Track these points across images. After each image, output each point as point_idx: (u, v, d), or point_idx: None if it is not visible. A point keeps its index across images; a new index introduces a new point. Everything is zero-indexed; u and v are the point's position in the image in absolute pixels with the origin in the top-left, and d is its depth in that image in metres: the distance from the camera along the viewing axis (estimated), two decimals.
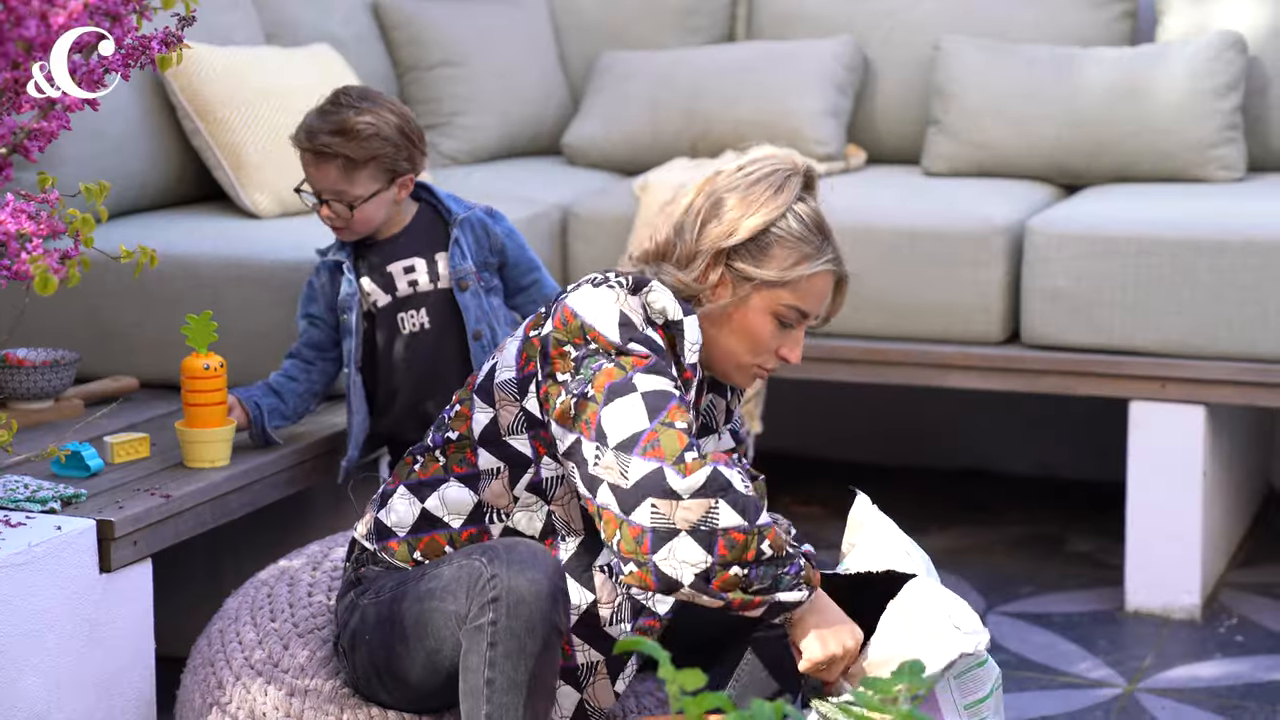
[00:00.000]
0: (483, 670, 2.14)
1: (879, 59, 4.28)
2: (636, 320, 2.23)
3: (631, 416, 2.15)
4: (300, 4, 4.03)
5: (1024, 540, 3.99)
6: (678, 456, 2.13)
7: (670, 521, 2.12)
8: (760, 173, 2.30)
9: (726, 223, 2.27)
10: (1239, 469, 3.82)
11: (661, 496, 2.12)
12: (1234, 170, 3.87)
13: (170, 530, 2.63)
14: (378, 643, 2.28)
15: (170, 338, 3.22)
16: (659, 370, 2.19)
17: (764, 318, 2.29)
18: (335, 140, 2.74)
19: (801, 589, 2.16)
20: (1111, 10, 4.17)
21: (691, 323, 2.26)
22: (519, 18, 4.49)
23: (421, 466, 2.33)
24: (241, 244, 3.25)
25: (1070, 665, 3.29)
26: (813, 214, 2.31)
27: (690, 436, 2.16)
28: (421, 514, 2.31)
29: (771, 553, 2.14)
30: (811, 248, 2.28)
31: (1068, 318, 3.55)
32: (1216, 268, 3.45)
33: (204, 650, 2.49)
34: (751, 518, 2.14)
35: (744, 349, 2.31)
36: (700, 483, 2.12)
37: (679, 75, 4.29)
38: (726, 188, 2.30)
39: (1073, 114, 3.93)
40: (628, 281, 2.26)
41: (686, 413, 2.18)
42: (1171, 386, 3.48)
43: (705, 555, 2.11)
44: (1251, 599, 3.61)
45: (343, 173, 2.75)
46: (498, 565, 2.15)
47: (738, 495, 2.14)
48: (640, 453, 2.13)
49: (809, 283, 2.29)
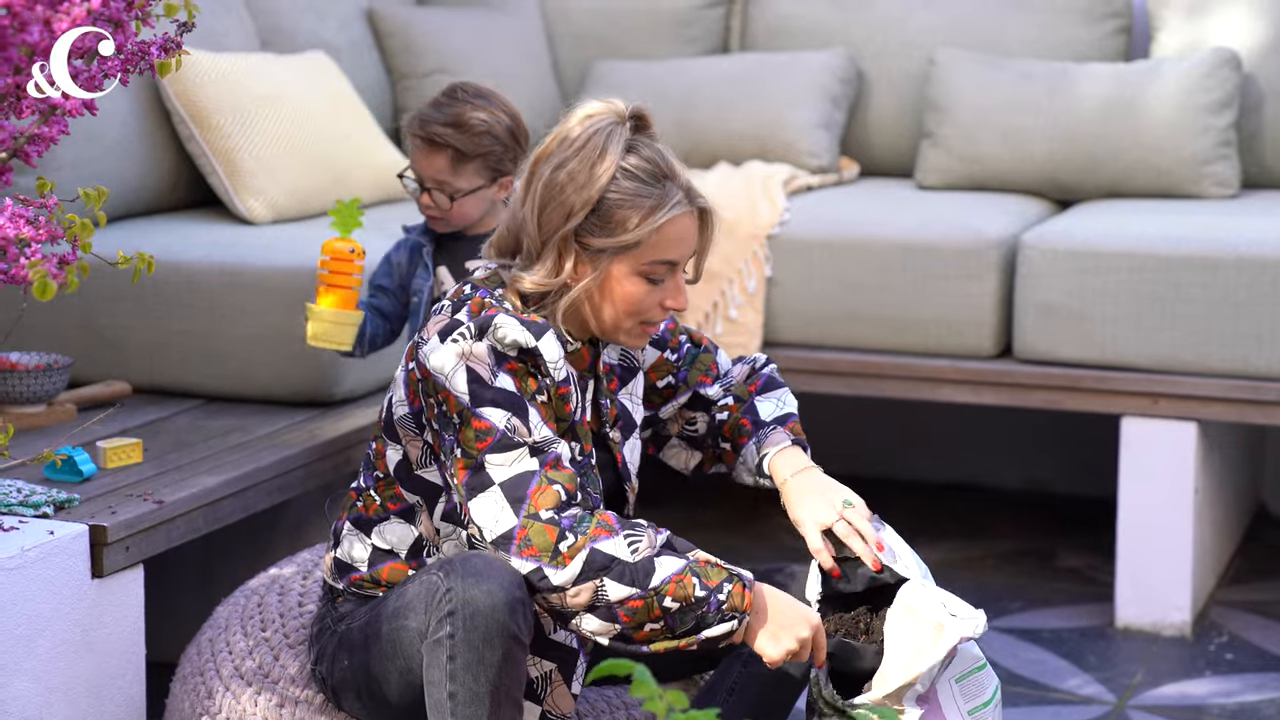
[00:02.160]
0: (444, 684, 2.12)
1: (873, 72, 4.29)
2: (484, 373, 2.17)
3: (498, 514, 2.14)
4: (295, 11, 4.03)
5: (1014, 555, 3.99)
6: (552, 552, 2.12)
7: (567, 608, 2.14)
8: (580, 140, 2.20)
9: (561, 205, 2.20)
10: (1229, 486, 3.83)
11: (550, 592, 2.13)
12: (1228, 187, 3.87)
13: (162, 536, 2.62)
14: (357, 665, 2.27)
15: (164, 343, 3.22)
16: (505, 444, 2.15)
17: (632, 280, 2.22)
18: (448, 131, 2.76)
19: (729, 620, 2.14)
20: (1106, 26, 4.18)
21: (547, 342, 2.20)
22: (513, 26, 4.49)
23: (364, 504, 2.34)
24: (235, 250, 3.25)
25: (1060, 682, 3.29)
26: (645, 163, 2.20)
27: (562, 521, 2.12)
28: (373, 549, 2.32)
29: (678, 605, 2.12)
30: (653, 199, 2.19)
31: (1060, 332, 3.55)
32: (1209, 284, 3.45)
33: (194, 659, 2.48)
34: (643, 583, 2.11)
35: (624, 313, 2.24)
36: (578, 571, 2.11)
37: (672, 86, 4.29)
38: (553, 166, 2.20)
39: (1066, 129, 3.94)
40: (471, 331, 2.19)
41: (550, 485, 2.14)
42: (1163, 403, 3.49)
43: (612, 625, 2.13)
44: (1242, 616, 3.61)
45: (450, 164, 2.78)
46: (453, 578, 2.12)
47: (624, 567, 2.12)
48: (516, 552, 2.13)
49: (663, 234, 2.21)
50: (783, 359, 3.74)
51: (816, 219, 3.81)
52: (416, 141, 2.80)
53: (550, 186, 2.21)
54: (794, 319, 3.74)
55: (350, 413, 3.17)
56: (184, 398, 3.22)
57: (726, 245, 3.78)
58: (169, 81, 3.42)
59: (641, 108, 2.26)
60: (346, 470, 3.06)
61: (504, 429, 2.15)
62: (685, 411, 2.48)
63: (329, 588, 2.37)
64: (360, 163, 3.70)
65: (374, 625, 2.24)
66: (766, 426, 2.42)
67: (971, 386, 3.64)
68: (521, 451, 2.16)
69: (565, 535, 2.12)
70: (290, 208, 3.50)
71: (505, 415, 2.16)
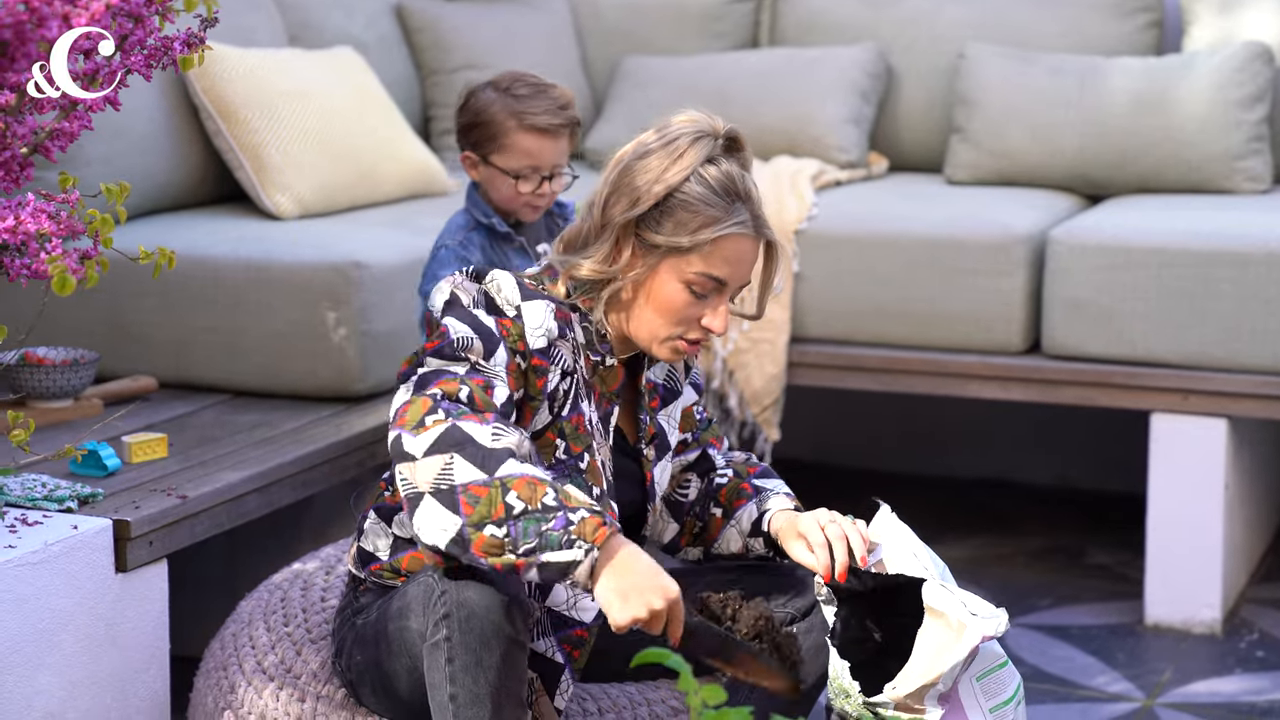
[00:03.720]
0: (445, 686, 2.10)
1: (902, 66, 4.27)
2: (465, 299, 2.18)
3: (402, 394, 2.13)
4: (324, 7, 4.04)
5: (1044, 552, 3.97)
6: (417, 422, 2.06)
7: (414, 485, 2.05)
8: (669, 136, 2.22)
9: (631, 191, 2.21)
10: (1261, 482, 3.79)
11: (403, 461, 2.06)
12: (1260, 182, 3.84)
13: (186, 531, 2.63)
14: (369, 661, 2.27)
15: (190, 338, 3.23)
16: (447, 353, 2.13)
17: (676, 287, 2.21)
18: (570, 112, 2.80)
19: (575, 547, 2.00)
20: (1137, 20, 4.15)
21: (533, 307, 2.19)
22: (541, 22, 4.48)
23: (390, 494, 2.32)
24: (262, 245, 3.25)
25: (1088, 679, 3.27)
26: (722, 177, 2.21)
27: (439, 402, 2.06)
28: (394, 538, 2.31)
29: (523, 505, 2.00)
30: (719, 210, 2.19)
31: (1089, 328, 3.53)
32: (1240, 280, 3.43)
33: (217, 653, 2.48)
34: (491, 468, 2.02)
35: (660, 321, 2.23)
36: (432, 440, 2.04)
37: (702, 81, 4.28)
38: (635, 154, 2.23)
39: (1097, 124, 3.91)
40: (469, 272, 2.22)
41: (458, 386, 2.09)
42: (1194, 399, 3.46)
43: (452, 517, 2.02)
44: (1273, 614, 3.58)
45: (571, 143, 2.82)
46: (447, 580, 2.10)
47: (477, 448, 2.03)
48: (392, 422, 2.09)
49: (717, 248, 2.20)
50: (810, 354, 3.73)
51: (844, 214, 3.80)
52: (539, 133, 2.77)
53: (627, 171, 2.23)
54: (822, 314, 3.73)
55: (375, 408, 3.17)
56: (210, 393, 3.23)
57: None
58: (196, 77, 3.43)
59: (737, 131, 2.27)
60: (371, 465, 3.07)
61: (455, 339, 2.14)
62: (683, 473, 2.47)
63: (353, 577, 2.38)
64: (387, 157, 3.70)
65: (381, 623, 2.24)
66: (768, 491, 2.42)
67: (1000, 382, 3.62)
68: (457, 364, 2.13)
69: (436, 410, 2.07)
70: (317, 203, 3.51)
71: (467, 333, 2.15)
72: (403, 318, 3.23)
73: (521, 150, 2.78)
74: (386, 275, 3.22)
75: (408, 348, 3.24)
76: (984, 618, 2.18)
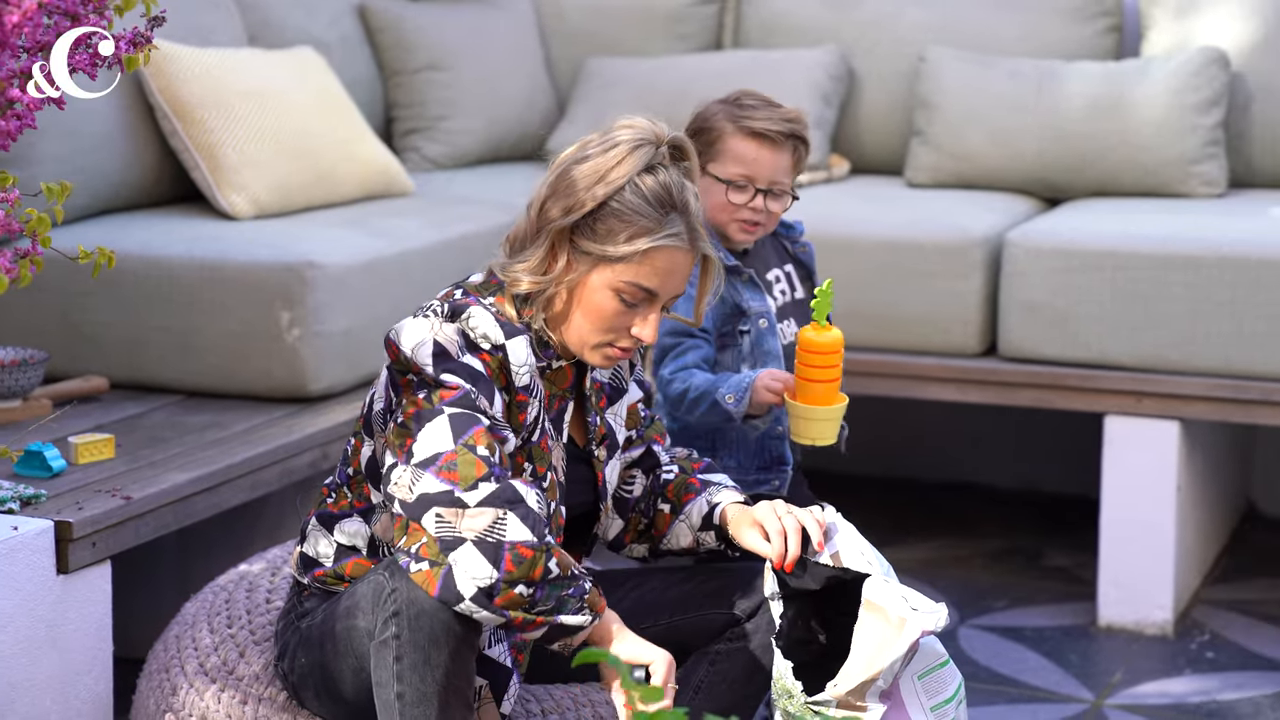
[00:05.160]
0: (392, 684, 2.11)
1: (864, 69, 4.28)
2: (452, 349, 2.17)
3: (437, 439, 2.12)
4: (285, 6, 4.03)
5: (1001, 554, 3.98)
6: (472, 484, 2.09)
7: (455, 530, 2.08)
8: (608, 142, 2.21)
9: (566, 196, 2.20)
10: (1215, 485, 3.81)
11: (448, 506, 2.09)
12: (1215, 186, 3.86)
13: (130, 532, 2.62)
14: (314, 663, 2.27)
15: (143, 338, 3.22)
16: (465, 403, 2.14)
17: (606, 295, 2.20)
18: (798, 126, 2.63)
19: (585, 613, 2.13)
20: (1096, 25, 4.17)
21: (516, 345, 2.19)
22: (506, 22, 4.48)
23: (333, 501, 2.33)
24: (217, 245, 3.25)
25: (1040, 680, 3.28)
26: (658, 187, 2.19)
27: (492, 467, 2.11)
28: (337, 545, 2.31)
29: (558, 572, 2.10)
30: (651, 222, 2.18)
31: (1045, 331, 3.54)
32: (1193, 283, 3.44)
33: (160, 655, 2.48)
34: (540, 533, 2.10)
35: (589, 328, 2.23)
36: (487, 495, 2.09)
37: (664, 82, 4.28)
38: (575, 158, 2.22)
39: (1055, 127, 3.93)
40: (443, 310, 2.20)
41: (493, 440, 2.13)
42: (1147, 401, 3.47)
43: (491, 570, 2.07)
44: (1225, 615, 3.60)
45: (794, 162, 2.64)
46: (398, 578, 2.11)
47: (528, 510, 2.10)
48: (436, 471, 2.10)
49: (648, 259, 2.19)
50: None
51: (805, 217, 3.74)
52: (763, 139, 2.61)
53: (564, 176, 2.22)
54: None
55: (328, 409, 3.17)
56: (163, 393, 3.22)
57: None
58: (152, 76, 3.42)
59: (683, 138, 2.26)
60: (323, 466, 3.06)
61: (467, 390, 2.15)
62: (627, 470, 2.47)
63: (296, 583, 2.38)
64: (345, 158, 3.69)
65: (328, 623, 2.24)
66: (717, 485, 2.43)
67: (956, 384, 3.63)
68: (477, 411, 2.15)
69: (489, 478, 2.10)
70: (273, 203, 3.50)
71: (469, 385, 2.16)
72: (357, 318, 3.23)
73: (735, 156, 2.62)
74: (341, 276, 3.22)
75: (362, 349, 3.24)
76: (924, 612, 2.19)
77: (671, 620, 2.40)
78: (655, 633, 2.39)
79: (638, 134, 2.23)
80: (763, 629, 2.36)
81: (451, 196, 3.94)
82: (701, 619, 2.39)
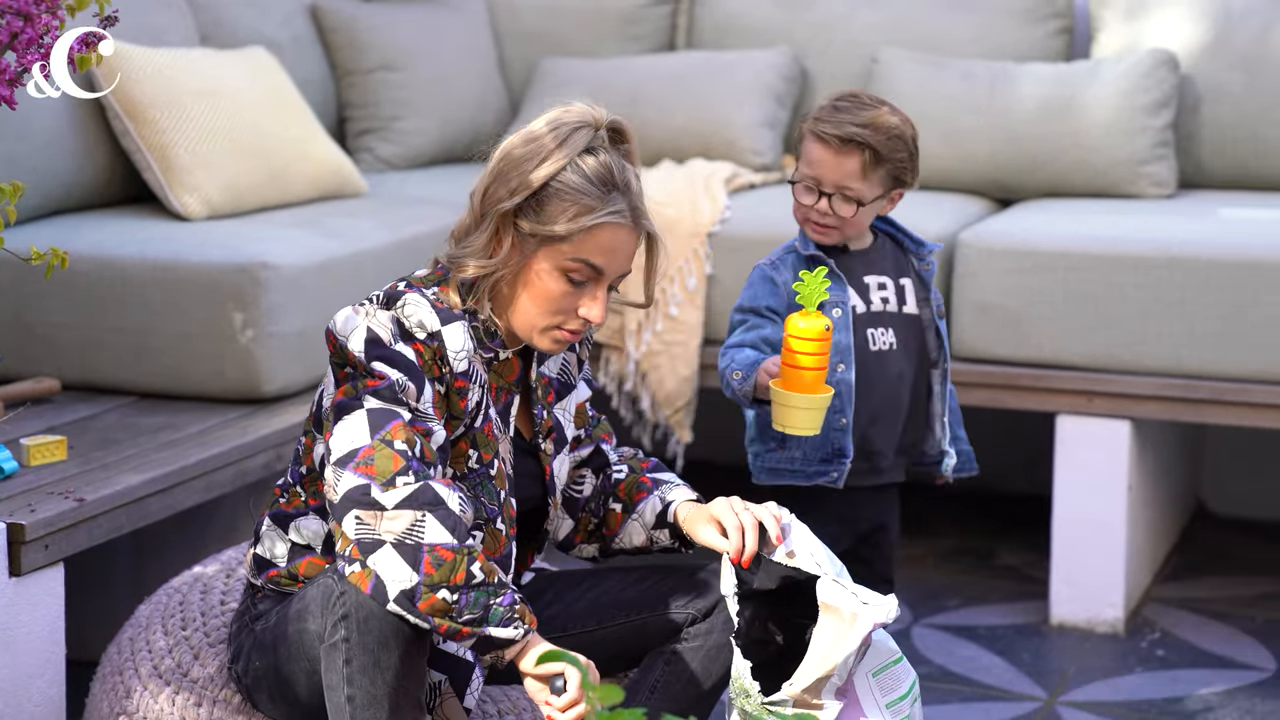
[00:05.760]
0: (343, 687, 2.11)
1: (817, 70, 4.30)
2: (385, 336, 2.18)
3: (354, 434, 2.13)
4: (237, 6, 4.01)
5: (955, 553, 4.00)
6: (389, 479, 2.10)
7: (375, 533, 2.09)
8: (550, 126, 2.23)
9: (509, 181, 2.21)
10: (1165, 484, 3.84)
11: (366, 508, 2.09)
12: (1165, 187, 3.89)
13: (84, 534, 2.61)
14: (268, 665, 2.27)
15: (96, 339, 3.20)
16: (388, 395, 2.15)
17: (553, 275, 2.22)
18: (866, 132, 2.59)
19: (516, 626, 2.11)
20: (1048, 26, 4.20)
21: (452, 330, 2.20)
22: (458, 23, 4.48)
23: (286, 501, 2.32)
24: (169, 245, 3.23)
25: (993, 678, 3.30)
26: (600, 167, 2.22)
27: (409, 461, 2.11)
28: (291, 545, 2.31)
29: (482, 577, 2.09)
30: (593, 199, 2.20)
31: (997, 331, 3.56)
32: (1143, 284, 3.47)
33: (114, 658, 2.47)
34: (462, 536, 2.10)
35: (537, 311, 2.24)
36: (405, 496, 2.09)
37: (617, 83, 4.29)
38: (517, 144, 2.23)
39: (1007, 129, 3.95)
40: (379, 298, 2.21)
41: (414, 433, 2.13)
42: (1098, 401, 3.50)
43: (411, 573, 2.07)
44: (1175, 613, 3.63)
45: (862, 167, 2.60)
46: (347, 581, 2.11)
47: (449, 512, 2.10)
48: (354, 468, 2.11)
49: (592, 236, 2.21)
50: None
51: (758, 217, 3.81)
52: (825, 142, 2.60)
53: (507, 159, 2.23)
54: None
55: (282, 410, 3.16)
56: (116, 395, 3.20)
57: (668, 242, 3.75)
58: (104, 76, 3.40)
59: (622, 122, 2.28)
60: (278, 467, 3.05)
61: (394, 381, 2.15)
62: (577, 470, 2.48)
63: (250, 585, 2.37)
64: (298, 158, 3.68)
65: (280, 626, 2.24)
66: (669, 484, 2.44)
67: None
68: (402, 408, 2.15)
69: (407, 472, 2.11)
70: (225, 204, 3.49)
71: (400, 376, 2.16)
72: (311, 319, 3.22)
73: (805, 157, 2.62)
74: (295, 276, 3.21)
75: (316, 350, 3.23)
76: (874, 605, 2.20)
77: (628, 620, 2.41)
78: (612, 633, 2.40)
79: (577, 117, 2.25)
80: (718, 628, 2.37)
81: (405, 197, 3.93)
82: (657, 619, 2.39)
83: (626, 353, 3.80)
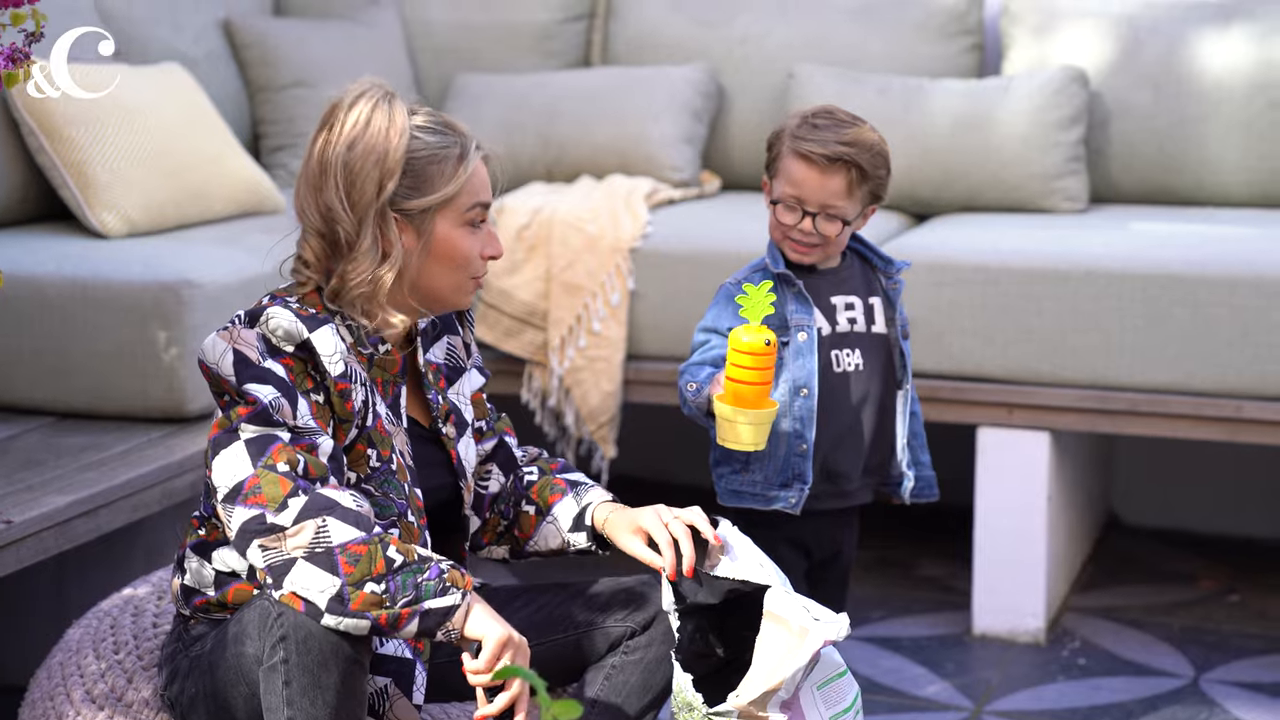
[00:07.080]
0: (282, 710, 2.09)
1: (733, 86, 4.32)
2: (253, 355, 2.16)
3: (235, 466, 2.12)
4: (150, 22, 3.97)
5: (877, 565, 4.04)
6: (280, 503, 2.09)
7: (283, 553, 2.09)
8: (361, 118, 2.20)
9: (365, 178, 2.19)
10: (1081, 494, 3.90)
11: (267, 535, 2.09)
12: (1077, 201, 3.96)
13: (11, 557, 2.56)
14: (205, 689, 2.24)
15: (13, 359, 3.15)
16: (263, 419, 2.13)
17: (459, 232, 2.24)
18: (852, 150, 2.57)
19: (452, 593, 2.10)
20: (959, 43, 4.25)
21: (321, 335, 2.18)
22: (373, 39, 4.46)
23: (206, 532, 2.29)
24: (89, 263, 3.19)
25: (918, 689, 3.33)
26: (431, 119, 2.23)
27: (296, 481, 2.10)
28: (216, 573, 2.28)
29: (401, 559, 2.09)
30: (458, 147, 2.22)
31: (918, 345, 3.60)
32: (1060, 296, 3.52)
33: (44, 683, 2.42)
34: (367, 526, 2.09)
35: (453, 270, 2.25)
36: (298, 510, 2.08)
37: (534, 99, 4.29)
38: (344, 149, 2.19)
39: (922, 144, 4.00)
40: (242, 318, 2.19)
41: (295, 452, 2.12)
42: (1018, 413, 3.55)
43: (332, 578, 2.07)
44: (1093, 622, 3.69)
45: (848, 186, 2.57)
46: (282, 603, 2.10)
47: (346, 510, 2.10)
48: (242, 501, 2.10)
49: (473, 178, 2.24)
50: (647, 372, 3.76)
51: (679, 232, 3.83)
52: (810, 161, 2.56)
53: (349, 168, 2.19)
54: (657, 332, 3.76)
55: (207, 428, 3.11)
56: (35, 415, 3.15)
57: (590, 258, 3.79)
58: (16, 92, 3.35)
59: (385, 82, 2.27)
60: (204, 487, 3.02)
61: (268, 403, 2.14)
62: (482, 465, 2.46)
63: (177, 614, 2.34)
64: (217, 174, 3.65)
65: (218, 650, 2.21)
66: (583, 485, 2.43)
67: None
68: (279, 429, 2.14)
69: (296, 493, 2.09)
70: (144, 221, 3.45)
71: (272, 392, 2.14)
72: None
73: (787, 175, 2.58)
74: (219, 294, 3.18)
75: None
76: (825, 622, 2.22)
77: (566, 635, 2.40)
78: (550, 649, 2.39)
79: (367, 97, 2.22)
80: (657, 641, 2.37)
81: None
82: (596, 633, 2.39)
83: (550, 368, 3.80)
